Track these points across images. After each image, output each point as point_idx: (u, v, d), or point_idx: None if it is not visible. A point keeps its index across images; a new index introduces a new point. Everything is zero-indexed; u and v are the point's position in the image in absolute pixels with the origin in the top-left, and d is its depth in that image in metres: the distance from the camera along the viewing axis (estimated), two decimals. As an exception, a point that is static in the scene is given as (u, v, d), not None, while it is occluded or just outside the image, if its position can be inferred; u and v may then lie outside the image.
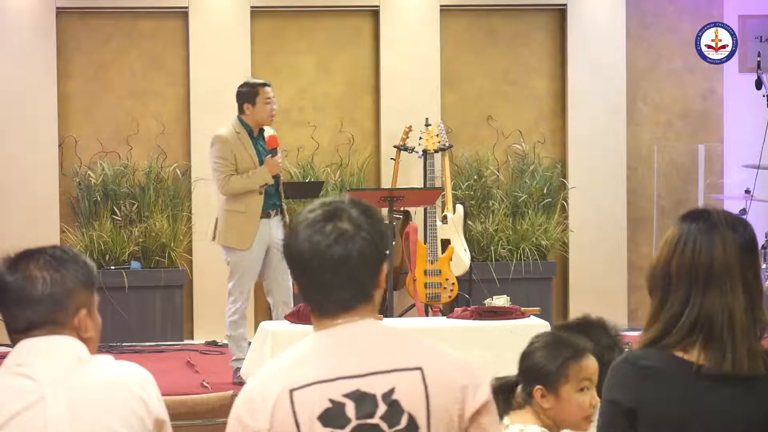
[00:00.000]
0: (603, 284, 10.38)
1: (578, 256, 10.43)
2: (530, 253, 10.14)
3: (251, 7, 10.20)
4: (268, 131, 8.26)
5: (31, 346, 2.76)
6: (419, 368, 2.60)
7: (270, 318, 8.44)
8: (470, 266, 9.57)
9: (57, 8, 10.03)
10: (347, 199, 2.66)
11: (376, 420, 2.57)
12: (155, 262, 9.98)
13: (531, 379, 3.40)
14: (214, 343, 9.80)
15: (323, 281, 2.61)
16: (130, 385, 2.76)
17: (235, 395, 4.75)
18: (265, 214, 8.14)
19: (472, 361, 2.68)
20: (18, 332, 2.79)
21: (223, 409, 4.73)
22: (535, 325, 7.06)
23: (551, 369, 3.37)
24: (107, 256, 9.89)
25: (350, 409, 2.57)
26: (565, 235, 10.38)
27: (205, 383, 8.02)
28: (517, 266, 10.09)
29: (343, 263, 2.59)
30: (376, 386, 2.58)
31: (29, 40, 9.96)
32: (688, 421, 2.68)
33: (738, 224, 2.76)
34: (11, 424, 2.67)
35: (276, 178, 8.16)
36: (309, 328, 7.77)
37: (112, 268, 9.83)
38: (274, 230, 8.13)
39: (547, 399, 3.38)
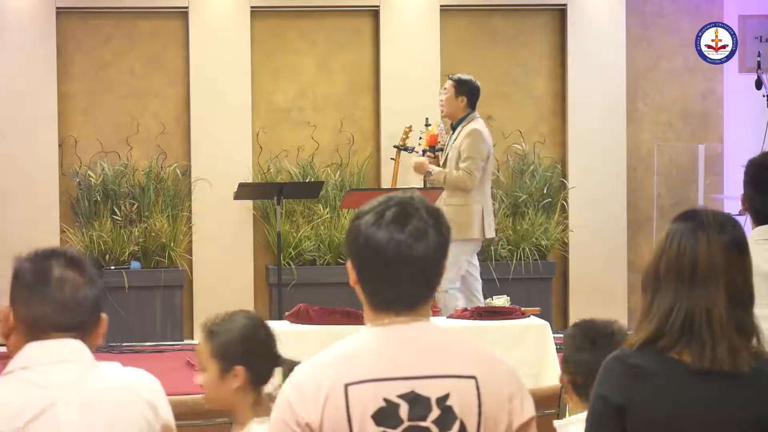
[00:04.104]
0: (603, 284, 10.37)
1: (578, 256, 10.43)
2: (530, 253, 10.14)
3: (251, 7, 10.19)
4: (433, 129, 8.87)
5: (38, 350, 2.72)
6: (474, 377, 2.61)
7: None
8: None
9: (57, 8, 10.03)
10: (415, 196, 2.67)
11: (428, 423, 2.57)
12: (155, 262, 9.98)
13: None
14: (214, 343, 9.78)
15: (400, 278, 2.61)
16: (141, 391, 2.77)
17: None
18: None
19: (518, 371, 2.70)
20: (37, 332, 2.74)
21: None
22: (535, 325, 7.06)
23: None
24: (107, 256, 9.89)
25: (403, 410, 2.57)
26: (565, 235, 10.38)
27: (205, 383, 8.00)
28: (517, 266, 10.08)
29: (421, 260, 2.60)
30: (431, 390, 2.58)
31: (29, 40, 9.96)
32: (676, 419, 2.70)
33: (727, 224, 2.77)
34: (24, 431, 2.65)
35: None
36: (309, 328, 7.71)
37: (112, 268, 9.82)
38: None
39: None
